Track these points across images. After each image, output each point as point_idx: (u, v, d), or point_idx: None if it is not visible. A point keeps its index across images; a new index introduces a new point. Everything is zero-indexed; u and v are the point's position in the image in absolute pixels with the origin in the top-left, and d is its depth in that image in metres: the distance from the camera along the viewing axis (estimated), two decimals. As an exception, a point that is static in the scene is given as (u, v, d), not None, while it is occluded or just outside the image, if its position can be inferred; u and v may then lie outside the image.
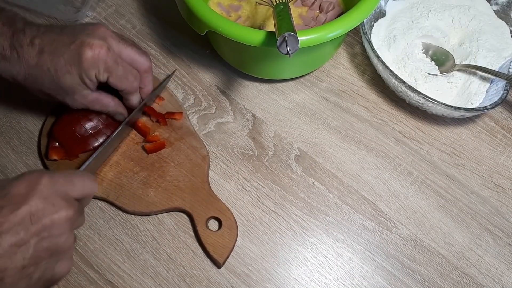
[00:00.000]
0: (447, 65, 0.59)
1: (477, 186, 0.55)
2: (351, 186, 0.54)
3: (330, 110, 0.59)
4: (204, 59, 0.62)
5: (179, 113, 0.56)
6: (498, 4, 0.62)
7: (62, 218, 0.36)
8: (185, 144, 0.54)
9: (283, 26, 0.42)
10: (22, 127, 0.56)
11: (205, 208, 0.50)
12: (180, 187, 0.51)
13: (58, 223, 0.35)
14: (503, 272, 0.50)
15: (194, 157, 0.53)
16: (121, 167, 0.52)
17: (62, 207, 0.36)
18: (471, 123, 0.59)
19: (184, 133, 0.55)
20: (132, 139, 0.54)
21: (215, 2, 0.60)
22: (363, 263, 0.50)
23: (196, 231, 0.50)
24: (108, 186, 0.51)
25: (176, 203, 0.51)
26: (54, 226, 0.35)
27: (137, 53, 0.48)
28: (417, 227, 0.52)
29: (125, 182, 0.52)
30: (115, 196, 0.51)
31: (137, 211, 0.51)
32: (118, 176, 0.52)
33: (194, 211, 0.50)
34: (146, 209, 0.51)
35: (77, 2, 0.66)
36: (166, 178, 0.52)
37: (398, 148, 0.57)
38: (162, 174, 0.52)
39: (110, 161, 0.52)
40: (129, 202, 0.51)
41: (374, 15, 0.61)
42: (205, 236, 0.49)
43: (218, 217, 0.50)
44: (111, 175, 0.52)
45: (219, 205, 0.51)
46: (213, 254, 0.48)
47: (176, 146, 0.54)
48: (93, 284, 0.48)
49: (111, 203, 0.52)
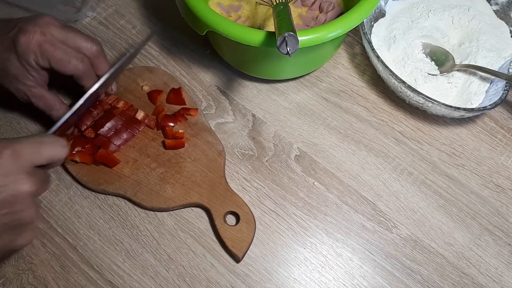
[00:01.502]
0: (447, 65, 0.59)
1: (477, 186, 0.55)
2: (351, 186, 0.54)
3: (330, 110, 0.59)
4: (204, 59, 0.62)
5: (194, 109, 0.56)
6: (498, 4, 0.62)
7: (24, 193, 0.35)
8: (201, 140, 0.54)
9: (283, 26, 0.42)
10: (22, 127, 0.56)
11: (222, 203, 0.51)
12: (197, 183, 0.52)
13: (20, 198, 0.35)
14: (503, 272, 0.51)
15: (210, 152, 0.54)
16: (138, 164, 0.53)
17: (24, 182, 0.35)
18: (471, 123, 0.59)
19: (200, 129, 0.55)
20: (148, 136, 0.55)
21: (215, 2, 0.60)
22: (363, 263, 0.50)
23: (214, 225, 0.50)
24: (125, 182, 0.52)
25: (194, 199, 0.51)
26: (16, 201, 0.35)
27: (82, 38, 0.48)
28: (417, 227, 0.52)
29: (142, 178, 0.52)
30: (132, 192, 0.51)
31: (155, 207, 0.51)
32: (135, 172, 0.52)
33: (212, 206, 0.51)
34: (164, 205, 0.51)
35: (77, 2, 0.66)
36: (183, 173, 0.52)
37: (398, 148, 0.57)
38: (179, 170, 0.53)
39: (127, 157, 0.53)
40: (147, 198, 0.51)
41: (374, 15, 0.61)
42: (223, 231, 0.49)
43: (235, 211, 0.50)
44: (128, 171, 0.52)
45: (237, 199, 0.51)
46: (232, 249, 0.49)
47: (192, 142, 0.54)
48: (93, 284, 0.48)
49: (128, 199, 0.52)
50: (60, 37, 0.47)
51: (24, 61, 0.45)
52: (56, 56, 0.46)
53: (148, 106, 0.56)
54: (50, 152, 0.38)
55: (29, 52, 0.45)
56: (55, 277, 0.49)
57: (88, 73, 0.49)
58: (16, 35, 0.45)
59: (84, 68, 0.48)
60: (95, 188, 0.52)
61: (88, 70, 0.49)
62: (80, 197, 0.52)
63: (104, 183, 0.52)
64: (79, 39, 0.48)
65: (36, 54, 0.45)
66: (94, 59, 0.49)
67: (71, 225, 0.51)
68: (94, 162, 0.52)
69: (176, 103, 0.56)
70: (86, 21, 0.64)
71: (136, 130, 0.54)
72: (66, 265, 0.49)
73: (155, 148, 0.54)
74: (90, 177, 0.52)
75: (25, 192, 0.36)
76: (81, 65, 0.48)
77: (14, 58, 0.45)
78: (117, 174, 0.52)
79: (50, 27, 0.46)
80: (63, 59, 0.46)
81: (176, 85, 0.58)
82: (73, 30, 0.48)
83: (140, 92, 0.57)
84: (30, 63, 0.46)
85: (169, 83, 0.58)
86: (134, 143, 0.54)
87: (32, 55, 0.45)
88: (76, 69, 0.48)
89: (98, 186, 0.52)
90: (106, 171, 0.52)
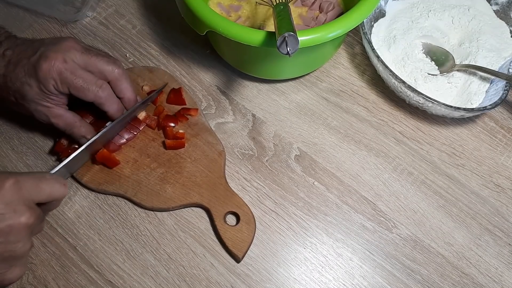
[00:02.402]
0: (447, 65, 0.59)
1: (477, 186, 0.55)
2: (351, 186, 0.54)
3: (330, 110, 0.59)
4: (204, 59, 0.62)
5: (195, 110, 0.56)
6: (498, 4, 0.62)
7: (22, 225, 0.35)
8: (201, 140, 0.54)
9: (283, 26, 0.42)
10: (22, 127, 0.56)
11: (222, 203, 0.51)
12: (198, 183, 0.52)
13: (16, 229, 0.35)
14: (503, 272, 0.51)
15: (210, 153, 0.54)
16: (138, 164, 0.53)
17: (23, 214, 0.35)
18: (471, 123, 0.59)
19: (200, 129, 0.55)
20: (148, 136, 0.55)
21: (215, 2, 0.60)
22: (363, 263, 0.50)
23: (215, 226, 0.50)
24: (125, 182, 0.52)
25: (194, 199, 0.51)
26: (12, 232, 0.35)
27: (103, 62, 0.48)
28: (417, 227, 0.52)
29: (142, 178, 0.52)
30: (133, 192, 0.51)
31: (155, 207, 0.51)
32: (135, 172, 0.52)
33: (212, 206, 0.51)
34: (164, 205, 0.51)
35: (77, 2, 0.66)
36: (183, 174, 0.52)
37: (398, 148, 0.57)
38: (179, 170, 0.53)
39: (127, 157, 0.53)
40: (147, 198, 0.51)
41: (374, 15, 0.61)
42: (223, 231, 0.49)
43: (236, 211, 0.50)
44: (128, 171, 0.52)
45: (237, 200, 0.51)
46: (232, 249, 0.49)
47: (192, 142, 0.54)
48: (93, 284, 0.48)
49: (129, 199, 0.52)
50: (82, 63, 0.47)
51: (44, 87, 0.45)
52: (75, 84, 0.46)
53: (149, 106, 0.56)
54: (50, 189, 0.38)
55: (49, 79, 0.45)
56: (55, 277, 0.49)
57: (109, 99, 0.49)
58: (38, 61, 0.45)
59: (104, 94, 0.48)
60: (95, 188, 0.52)
61: (109, 95, 0.49)
62: (80, 197, 0.52)
63: (104, 183, 0.52)
64: (100, 63, 0.48)
65: (56, 81, 0.45)
66: (116, 81, 0.49)
67: (71, 225, 0.51)
68: (94, 162, 0.52)
69: (176, 103, 0.56)
70: (86, 21, 0.64)
71: (137, 130, 0.54)
72: (66, 265, 0.49)
73: (155, 148, 0.54)
74: (90, 177, 0.52)
75: (23, 224, 0.35)
76: (100, 92, 0.48)
77: (34, 83, 0.45)
78: (117, 174, 0.52)
79: (72, 52, 0.46)
80: (82, 87, 0.46)
81: (176, 85, 0.58)
82: (94, 54, 0.48)
83: (140, 92, 0.57)
84: (50, 89, 0.46)
85: (169, 83, 0.58)
86: (134, 143, 0.54)
87: (52, 81, 0.45)
88: (96, 97, 0.48)
89: (98, 186, 0.52)
90: (106, 171, 0.52)
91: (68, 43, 0.47)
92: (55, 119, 0.48)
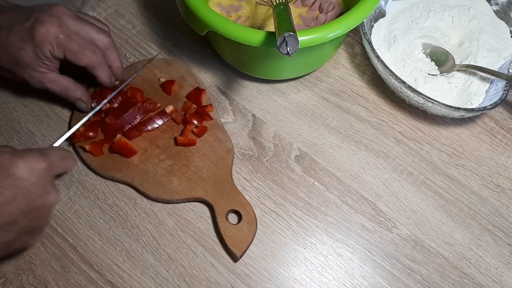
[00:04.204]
0: (447, 65, 0.59)
1: (477, 186, 0.55)
2: (351, 186, 0.54)
3: (330, 110, 0.59)
4: (204, 59, 0.62)
5: (210, 105, 0.56)
6: (498, 4, 0.62)
7: (52, 202, 0.39)
8: (211, 136, 0.55)
9: (283, 26, 0.42)
10: (22, 127, 0.56)
11: (226, 201, 0.51)
12: (204, 178, 0.52)
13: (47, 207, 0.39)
14: (503, 272, 0.51)
15: (219, 149, 0.54)
16: (147, 154, 0.53)
17: (53, 194, 0.39)
18: (471, 123, 0.59)
19: (211, 125, 0.55)
20: (160, 127, 0.55)
21: (215, 2, 0.60)
22: (363, 263, 0.50)
23: (216, 222, 0.50)
24: (133, 170, 0.52)
25: (199, 193, 0.51)
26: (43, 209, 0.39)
27: (95, 30, 0.49)
28: (417, 227, 0.52)
29: (150, 168, 0.52)
30: (139, 181, 0.52)
31: (159, 198, 0.51)
32: (144, 162, 0.53)
33: (216, 202, 0.51)
34: (168, 197, 0.51)
35: (77, 2, 0.66)
36: (190, 168, 0.53)
37: (398, 148, 0.57)
38: (187, 163, 0.53)
39: (137, 146, 0.53)
40: (153, 189, 0.51)
41: (374, 15, 0.61)
42: (224, 228, 0.50)
43: (238, 210, 0.50)
44: (137, 160, 0.53)
45: (241, 199, 0.51)
46: (231, 247, 0.49)
47: (203, 137, 0.55)
48: (93, 284, 0.48)
49: (134, 188, 0.52)
50: (74, 29, 0.48)
51: (40, 51, 0.46)
52: (71, 48, 0.47)
53: (163, 97, 0.57)
54: (69, 166, 0.42)
55: (46, 43, 0.46)
56: (55, 277, 0.49)
57: (101, 64, 0.50)
58: (33, 26, 0.45)
59: (97, 59, 0.49)
60: (103, 174, 0.52)
61: (101, 61, 0.50)
62: (80, 197, 0.53)
63: (112, 169, 0.52)
64: (91, 31, 0.49)
65: (52, 45, 0.46)
66: (106, 50, 0.51)
67: (71, 225, 0.51)
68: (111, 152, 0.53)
69: (193, 101, 0.57)
70: (86, 21, 0.64)
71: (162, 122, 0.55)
72: (66, 265, 0.49)
73: (165, 140, 0.54)
74: (100, 163, 0.52)
75: (52, 203, 0.39)
76: (94, 57, 0.49)
77: (30, 48, 0.46)
78: (126, 162, 0.53)
79: (64, 18, 0.47)
80: (78, 51, 0.48)
81: (193, 81, 0.58)
82: (85, 22, 0.49)
83: (157, 83, 0.58)
84: (46, 53, 0.46)
85: (186, 76, 0.58)
86: (146, 133, 0.54)
87: (49, 45, 0.46)
88: (90, 61, 0.49)
89: (106, 171, 0.52)
90: (116, 158, 0.53)
91: (59, 8, 0.47)
92: (50, 84, 0.50)
